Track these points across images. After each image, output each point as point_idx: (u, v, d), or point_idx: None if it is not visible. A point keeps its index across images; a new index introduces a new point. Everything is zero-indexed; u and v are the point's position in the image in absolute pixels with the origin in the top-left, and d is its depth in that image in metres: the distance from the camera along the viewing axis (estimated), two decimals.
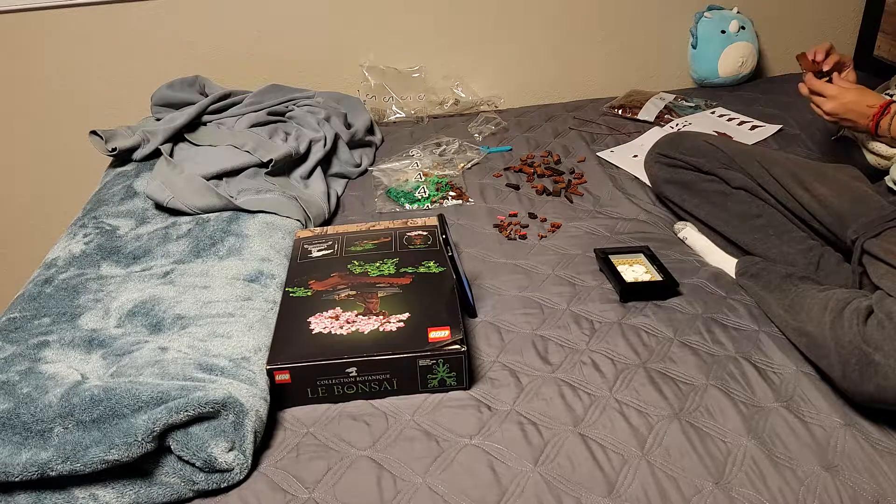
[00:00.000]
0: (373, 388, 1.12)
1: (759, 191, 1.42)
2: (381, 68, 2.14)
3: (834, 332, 1.06)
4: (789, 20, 2.28)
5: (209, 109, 1.86)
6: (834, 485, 0.96)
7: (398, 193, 1.71)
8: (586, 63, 2.25)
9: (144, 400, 0.98)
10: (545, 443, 1.03)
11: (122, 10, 2.01)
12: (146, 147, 1.76)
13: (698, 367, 1.15)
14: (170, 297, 1.27)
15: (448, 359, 1.11)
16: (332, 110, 1.93)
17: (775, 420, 1.05)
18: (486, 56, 2.20)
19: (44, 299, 1.31)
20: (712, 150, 1.49)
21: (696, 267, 1.40)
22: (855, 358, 1.02)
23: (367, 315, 1.19)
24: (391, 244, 1.38)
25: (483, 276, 1.40)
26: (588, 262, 1.42)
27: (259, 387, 1.07)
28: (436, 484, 0.98)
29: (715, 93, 2.16)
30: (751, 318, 1.25)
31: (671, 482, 0.97)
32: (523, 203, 1.66)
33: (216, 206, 1.54)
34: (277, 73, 2.11)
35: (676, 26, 2.22)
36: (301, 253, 1.38)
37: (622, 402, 1.09)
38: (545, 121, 2.06)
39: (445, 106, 2.15)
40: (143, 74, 2.08)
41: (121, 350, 1.15)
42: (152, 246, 1.45)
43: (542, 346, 1.21)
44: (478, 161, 1.85)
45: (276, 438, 1.07)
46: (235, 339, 1.16)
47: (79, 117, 2.12)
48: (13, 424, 0.98)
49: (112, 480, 0.97)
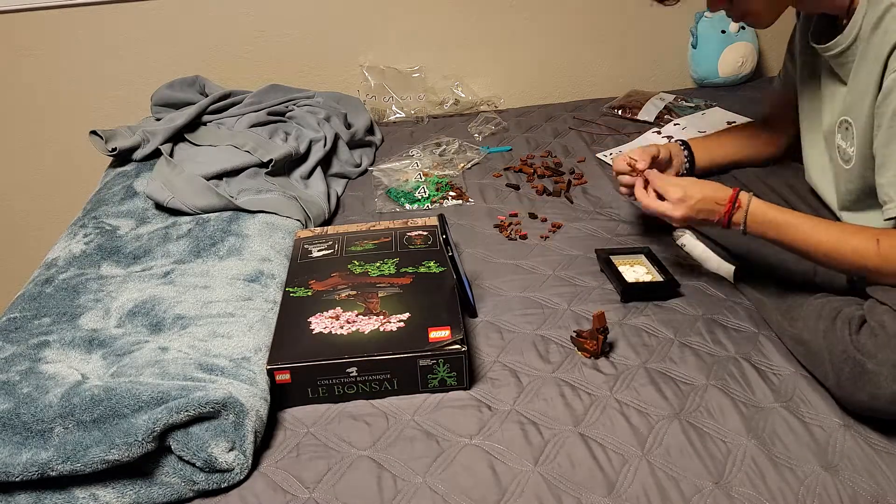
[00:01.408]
0: (373, 388, 1.12)
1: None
2: (381, 68, 2.14)
3: (827, 340, 1.06)
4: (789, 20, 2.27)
5: (209, 109, 1.86)
6: (833, 485, 0.96)
7: (398, 193, 1.71)
8: (586, 63, 2.25)
9: (145, 400, 0.98)
10: (545, 443, 1.03)
11: (123, 10, 2.02)
12: (146, 147, 1.76)
13: (698, 368, 1.15)
14: (170, 297, 1.27)
15: (448, 359, 1.11)
16: (332, 110, 1.93)
17: (775, 420, 1.05)
18: (486, 56, 2.20)
19: (44, 299, 1.31)
20: None
21: (696, 269, 1.40)
22: (848, 367, 1.02)
23: (368, 315, 1.19)
24: (391, 244, 1.38)
25: (483, 276, 1.40)
26: (588, 263, 1.42)
27: (259, 387, 1.07)
28: (436, 484, 0.98)
29: (715, 93, 2.16)
30: (750, 320, 1.25)
31: (671, 482, 0.97)
32: (523, 203, 1.66)
33: (216, 206, 1.54)
34: (277, 73, 2.11)
35: (676, 26, 2.22)
36: (301, 253, 1.38)
37: (622, 402, 1.09)
38: (545, 121, 2.06)
39: (445, 106, 2.15)
40: (143, 74, 2.08)
41: (121, 350, 1.15)
42: (152, 246, 1.45)
43: (543, 346, 1.21)
44: (478, 161, 1.85)
45: (277, 438, 1.07)
46: (236, 339, 1.16)
47: (79, 117, 2.11)
48: (13, 424, 0.98)
49: (112, 480, 0.97)
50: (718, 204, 1.17)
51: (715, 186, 1.19)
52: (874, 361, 1.00)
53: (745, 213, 1.15)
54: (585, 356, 1.18)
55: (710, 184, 1.20)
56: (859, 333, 1.04)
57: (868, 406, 1.01)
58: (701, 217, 1.19)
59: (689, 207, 1.18)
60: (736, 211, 1.16)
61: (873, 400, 1.00)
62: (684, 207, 1.19)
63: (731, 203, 1.16)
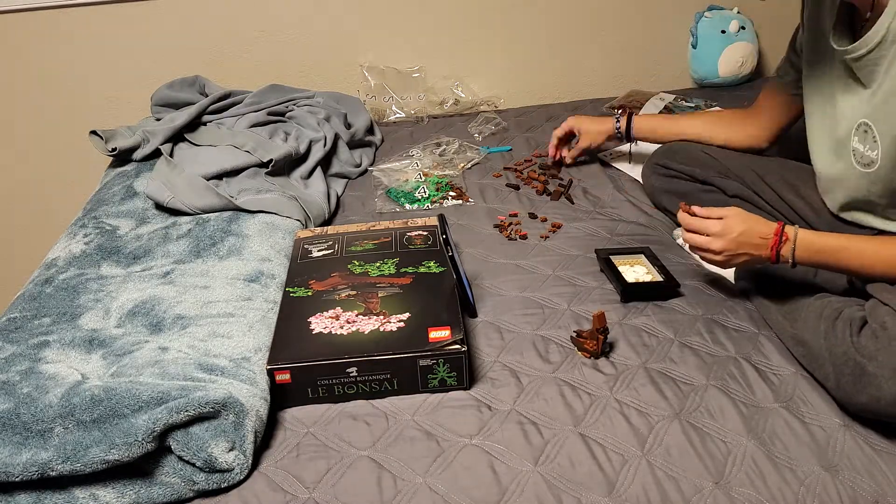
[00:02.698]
0: (373, 388, 1.12)
1: (754, 198, 1.43)
2: (381, 68, 2.14)
3: (828, 341, 1.06)
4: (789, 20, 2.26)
5: (209, 109, 1.86)
6: (833, 485, 0.96)
7: (398, 193, 1.71)
8: (586, 63, 2.25)
9: (145, 400, 0.98)
10: (545, 442, 1.03)
11: (122, 10, 2.01)
12: (146, 147, 1.76)
13: (698, 368, 1.15)
14: (170, 297, 1.27)
15: (448, 359, 1.11)
16: (332, 110, 1.93)
17: (775, 420, 1.05)
18: (485, 56, 2.20)
19: (44, 299, 1.31)
20: (708, 159, 1.51)
21: (696, 269, 1.40)
22: (849, 368, 1.02)
23: (368, 315, 1.19)
24: (391, 244, 1.38)
25: (483, 276, 1.40)
26: (588, 263, 1.42)
27: (259, 387, 1.07)
28: (436, 484, 0.98)
29: (715, 93, 2.16)
30: (750, 320, 1.25)
31: (671, 482, 0.97)
32: (523, 203, 1.66)
33: (216, 206, 1.54)
34: (277, 73, 2.11)
35: (676, 26, 2.22)
36: (301, 253, 1.38)
37: (622, 402, 1.09)
38: (545, 121, 2.06)
39: (445, 106, 2.15)
40: (143, 74, 2.07)
41: (121, 350, 1.15)
42: (152, 246, 1.45)
43: (543, 346, 1.21)
44: (478, 161, 1.85)
45: (277, 438, 1.07)
46: (236, 339, 1.16)
47: (79, 117, 2.11)
48: (13, 424, 0.98)
49: (112, 480, 0.97)
50: (763, 238, 1.13)
51: (758, 219, 1.16)
52: (875, 363, 0.99)
53: (794, 245, 1.12)
54: (585, 356, 1.18)
55: (753, 216, 1.16)
56: (860, 335, 1.04)
57: (868, 408, 1.01)
58: (743, 251, 1.15)
59: (731, 241, 1.14)
60: (783, 244, 1.13)
61: (874, 402, 1.00)
62: (724, 241, 1.15)
63: (777, 237, 1.12)
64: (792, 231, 1.13)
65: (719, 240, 1.16)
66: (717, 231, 1.16)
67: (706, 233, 1.17)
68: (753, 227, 1.14)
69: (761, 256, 1.15)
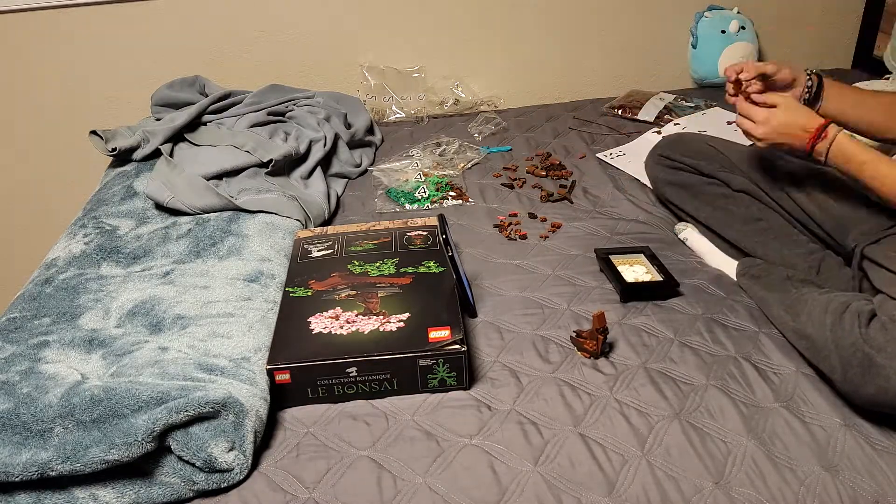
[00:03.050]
0: (373, 388, 1.12)
1: (760, 194, 1.42)
2: (381, 68, 2.14)
3: (835, 333, 1.06)
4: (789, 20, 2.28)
5: (209, 109, 1.86)
6: (834, 485, 0.96)
7: (398, 193, 1.71)
8: (586, 63, 2.25)
9: (144, 400, 0.98)
10: (545, 443, 1.03)
11: (122, 10, 2.01)
12: (146, 147, 1.76)
13: (698, 368, 1.15)
14: (170, 297, 1.27)
15: (448, 359, 1.11)
16: (332, 110, 1.93)
17: (775, 420, 1.05)
18: (485, 56, 2.20)
19: (44, 299, 1.31)
20: (714, 152, 1.49)
21: (696, 268, 1.40)
22: (857, 360, 1.02)
23: (368, 315, 1.19)
24: (391, 244, 1.38)
25: (483, 276, 1.40)
26: (588, 263, 1.42)
27: (259, 387, 1.07)
28: (436, 484, 0.98)
29: (715, 93, 2.16)
30: (751, 318, 1.25)
31: (671, 482, 0.97)
32: (523, 203, 1.66)
33: (216, 206, 1.54)
34: (277, 73, 2.11)
35: (676, 26, 2.22)
36: (301, 253, 1.38)
37: (622, 402, 1.09)
38: (545, 121, 2.06)
39: (445, 106, 2.15)
40: (143, 74, 2.07)
41: (121, 350, 1.15)
42: (152, 246, 1.45)
43: (543, 346, 1.21)
44: (478, 161, 1.85)
45: (276, 438, 1.07)
46: (235, 339, 1.16)
47: (79, 117, 2.11)
48: (13, 424, 0.98)
49: (112, 480, 0.97)
50: (805, 131, 1.19)
51: (807, 114, 1.21)
52: (884, 355, 1.00)
53: (829, 144, 1.18)
54: (585, 356, 1.18)
55: (803, 110, 1.22)
56: (869, 327, 1.04)
57: (875, 400, 1.01)
58: (782, 140, 1.21)
59: (772, 129, 1.21)
60: (820, 141, 1.18)
61: (881, 393, 1.00)
62: (766, 127, 1.21)
63: (817, 131, 1.18)
64: (833, 131, 1.19)
65: (762, 127, 1.22)
66: (761, 119, 1.22)
67: (753, 119, 1.24)
68: (797, 119, 1.20)
69: (798, 147, 1.21)
